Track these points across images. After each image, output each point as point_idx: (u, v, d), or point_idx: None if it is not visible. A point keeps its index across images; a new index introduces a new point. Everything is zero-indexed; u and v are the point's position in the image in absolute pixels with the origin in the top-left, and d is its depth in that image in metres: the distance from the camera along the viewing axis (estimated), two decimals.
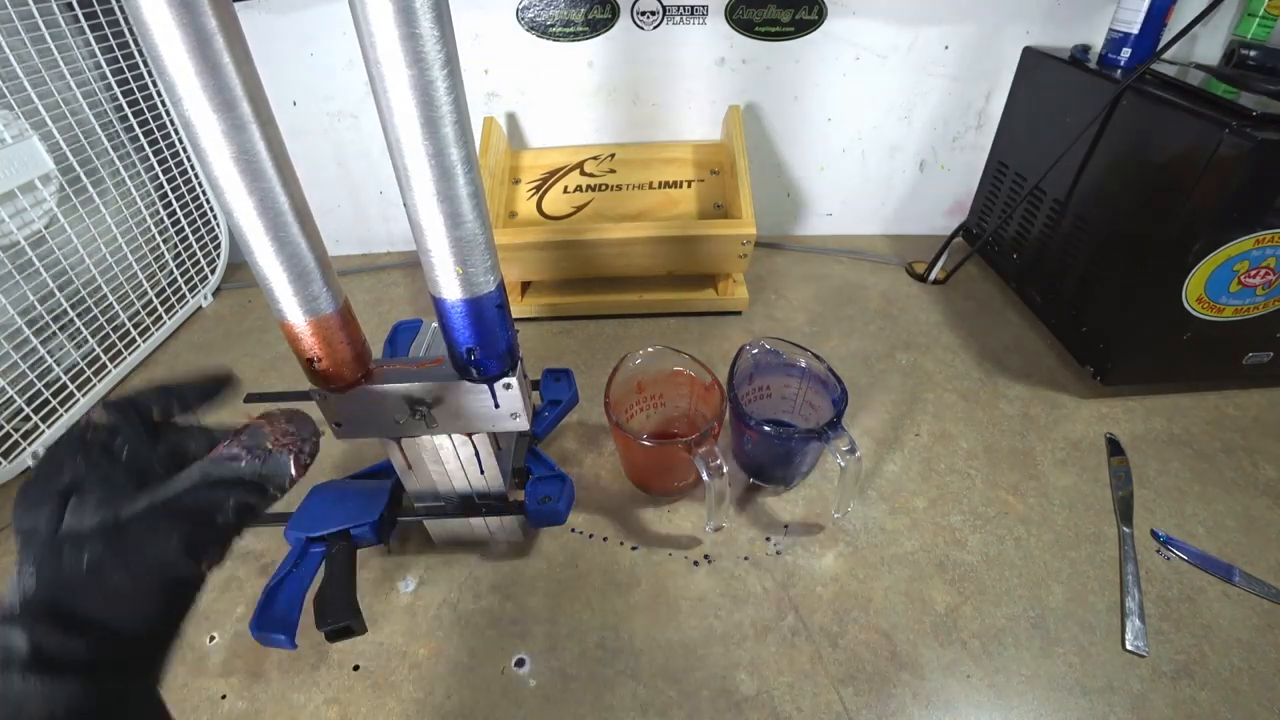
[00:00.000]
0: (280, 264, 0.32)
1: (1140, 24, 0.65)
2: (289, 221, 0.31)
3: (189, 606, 0.26)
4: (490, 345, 0.37)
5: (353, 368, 0.37)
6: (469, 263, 0.33)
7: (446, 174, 0.30)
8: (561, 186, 0.84)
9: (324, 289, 0.34)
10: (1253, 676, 0.44)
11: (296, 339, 0.35)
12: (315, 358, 0.36)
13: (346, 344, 0.36)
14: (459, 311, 0.35)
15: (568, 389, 0.60)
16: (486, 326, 0.36)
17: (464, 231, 0.32)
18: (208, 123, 0.27)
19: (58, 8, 0.69)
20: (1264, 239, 0.54)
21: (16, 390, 0.63)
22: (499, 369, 0.38)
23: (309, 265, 0.33)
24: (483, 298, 0.35)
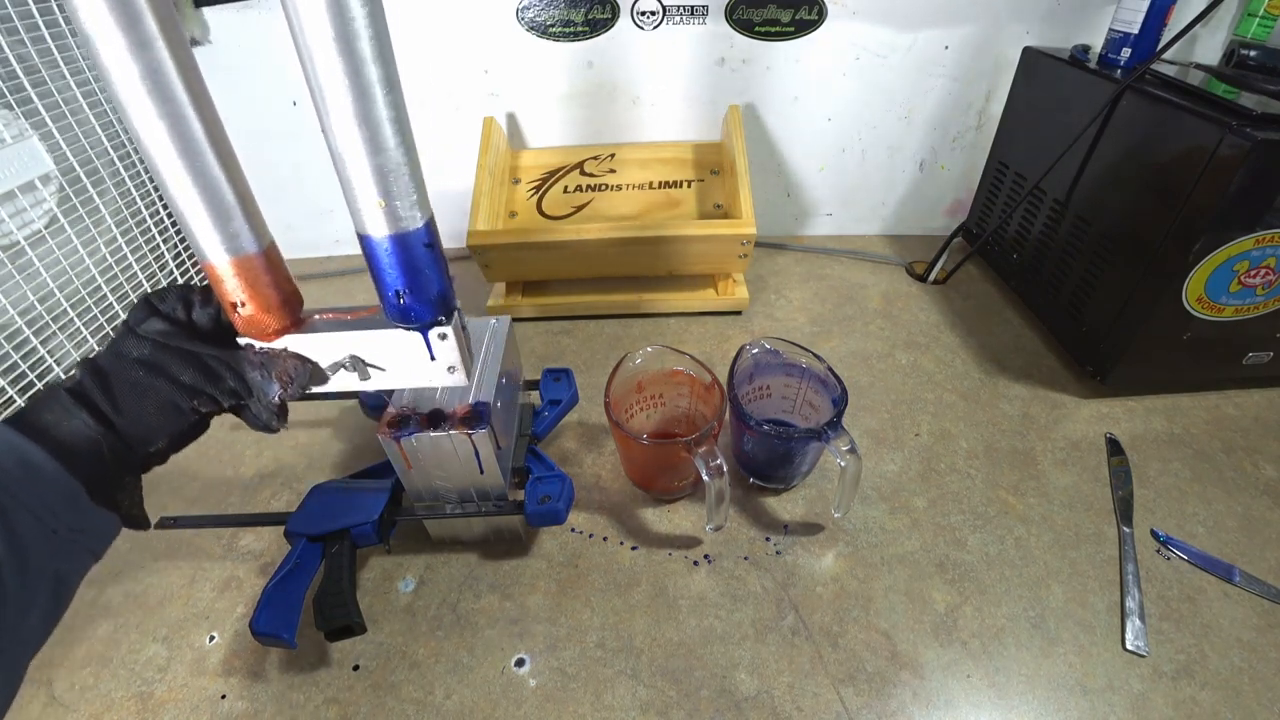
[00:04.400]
0: (198, 196, 0.30)
1: (1140, 24, 0.65)
2: (203, 149, 0.30)
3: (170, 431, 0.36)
4: (420, 288, 0.35)
5: (280, 315, 0.36)
6: (392, 195, 0.31)
7: (363, 94, 0.28)
8: (561, 186, 0.84)
9: (245, 226, 0.32)
10: (1253, 676, 0.44)
11: (219, 281, 0.34)
12: (239, 302, 0.34)
13: (272, 287, 0.35)
14: (385, 250, 0.33)
15: (568, 389, 0.60)
16: (415, 267, 0.34)
17: (385, 160, 0.30)
18: (110, 39, 0.25)
19: (57, 8, 0.69)
20: (1264, 239, 0.54)
21: (16, 390, 0.63)
22: (432, 315, 0.37)
23: (228, 199, 0.31)
24: (409, 234, 0.33)
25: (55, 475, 0.30)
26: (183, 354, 0.35)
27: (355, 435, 0.66)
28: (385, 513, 0.48)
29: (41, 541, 0.30)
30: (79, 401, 0.32)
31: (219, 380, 0.36)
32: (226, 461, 0.64)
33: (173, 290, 0.36)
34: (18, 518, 0.29)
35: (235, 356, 0.36)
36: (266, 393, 0.37)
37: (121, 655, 0.48)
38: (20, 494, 0.29)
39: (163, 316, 0.35)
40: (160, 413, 0.35)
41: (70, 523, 0.31)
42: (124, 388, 0.34)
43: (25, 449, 0.30)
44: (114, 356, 0.34)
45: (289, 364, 0.37)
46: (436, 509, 0.51)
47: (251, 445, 0.65)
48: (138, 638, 0.49)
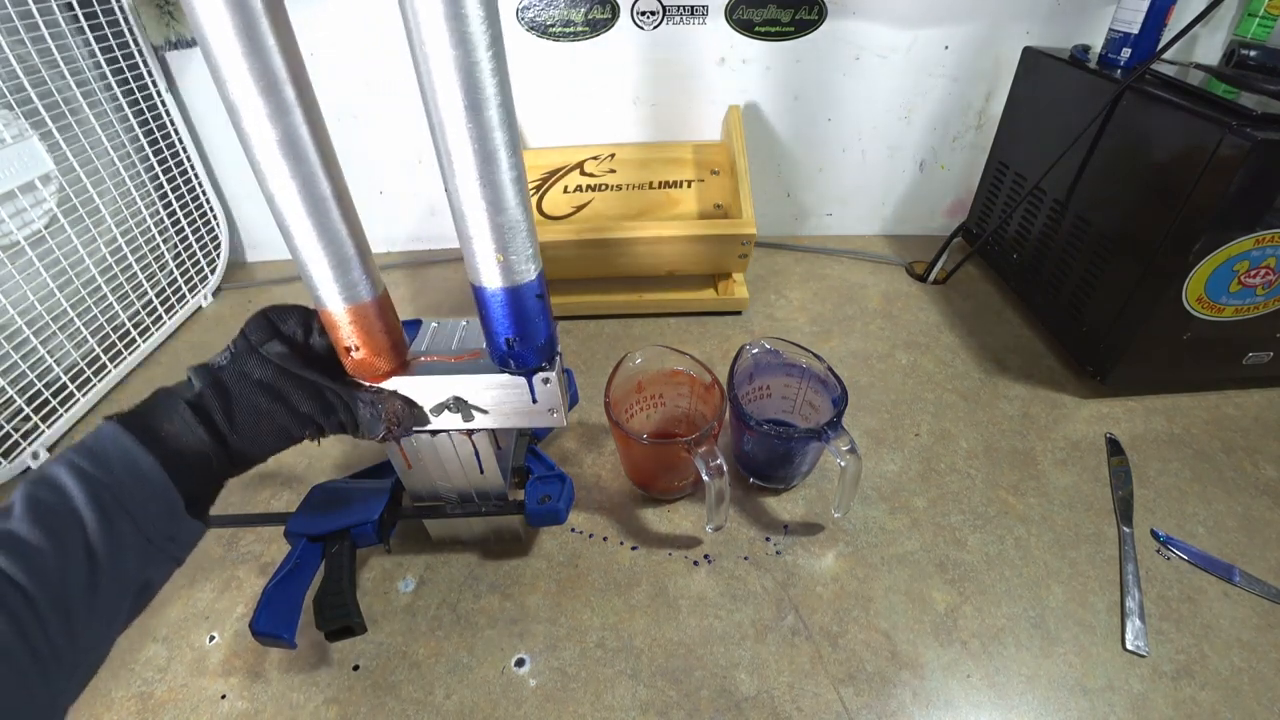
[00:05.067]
0: (321, 250, 0.32)
1: (1140, 24, 0.65)
2: (330, 207, 0.31)
3: (275, 452, 0.36)
4: (529, 336, 0.37)
5: (389, 358, 0.38)
6: (510, 250, 0.33)
7: (489, 159, 0.30)
8: (561, 186, 0.84)
9: (363, 277, 0.34)
10: (1253, 676, 0.44)
11: (335, 327, 0.35)
12: (353, 346, 0.36)
13: (384, 333, 0.36)
14: (498, 300, 0.35)
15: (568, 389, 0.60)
16: (526, 316, 0.36)
17: (506, 218, 0.32)
18: (252, 106, 0.27)
19: (58, 8, 0.69)
20: (1264, 239, 0.54)
21: (16, 390, 0.63)
22: (537, 361, 0.38)
23: (349, 252, 0.33)
24: (522, 286, 0.35)
25: (163, 487, 0.31)
26: (303, 383, 0.35)
27: None
28: (385, 513, 0.48)
29: (138, 549, 0.30)
30: (199, 417, 0.33)
31: (332, 413, 0.37)
32: None
33: (293, 312, 0.37)
34: (121, 525, 0.29)
35: (349, 392, 0.37)
36: (373, 431, 0.38)
37: (121, 655, 0.48)
38: (127, 502, 0.29)
39: (284, 338, 0.36)
40: (273, 436, 0.35)
41: (166, 532, 0.31)
42: (244, 409, 0.34)
43: (138, 457, 0.30)
44: (237, 375, 0.34)
45: (397, 405, 0.38)
46: (436, 509, 0.51)
47: None
48: (138, 638, 0.49)
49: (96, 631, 0.29)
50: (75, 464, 0.29)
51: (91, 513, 0.28)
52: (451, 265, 0.96)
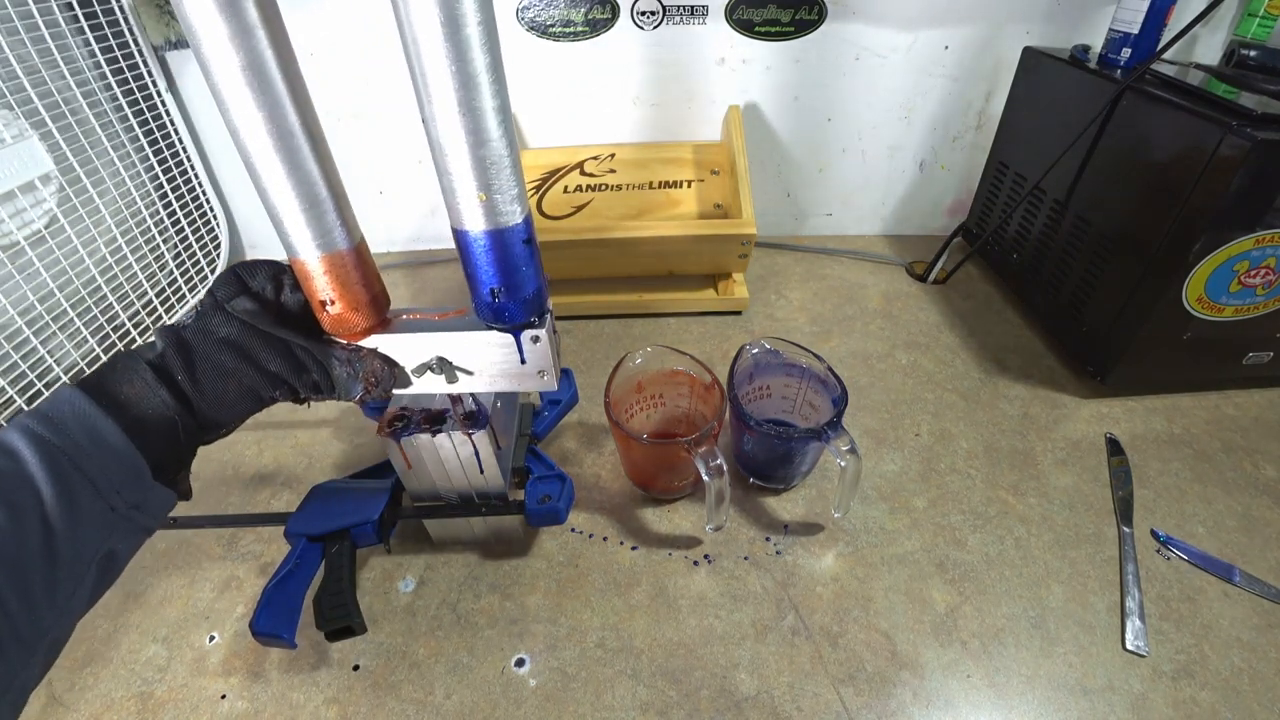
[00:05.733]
0: (291, 189, 0.29)
1: (1140, 24, 0.65)
2: (300, 143, 0.29)
3: (244, 415, 0.35)
4: (516, 286, 0.34)
5: (368, 313, 0.35)
6: (493, 188, 0.30)
7: (469, 82, 0.27)
8: (561, 186, 0.84)
9: (338, 222, 0.31)
10: (1253, 676, 0.44)
11: (308, 279, 0.33)
12: (329, 300, 0.33)
13: (362, 285, 0.34)
14: (482, 245, 0.32)
15: (568, 389, 0.60)
16: (512, 264, 0.33)
17: (488, 151, 0.29)
18: (212, 26, 0.25)
19: (58, 8, 0.69)
20: (1264, 239, 0.54)
21: (16, 390, 0.63)
22: (525, 315, 0.35)
23: (321, 193, 0.30)
24: (508, 230, 0.32)
25: (125, 452, 0.29)
26: (272, 340, 0.33)
27: (355, 435, 0.66)
28: (385, 513, 0.48)
29: (99, 517, 0.29)
30: (161, 378, 0.31)
31: (304, 373, 0.35)
32: (226, 461, 0.64)
33: (263, 266, 0.34)
34: (80, 492, 0.28)
35: (323, 350, 0.35)
36: (350, 392, 0.36)
37: (121, 655, 0.48)
38: (86, 467, 0.28)
39: (252, 295, 0.33)
40: (241, 398, 0.34)
41: (130, 499, 0.30)
42: (208, 368, 0.32)
43: (98, 422, 0.29)
44: (201, 333, 0.33)
45: (376, 365, 0.36)
46: (436, 509, 0.51)
47: (252, 445, 0.65)
48: (138, 638, 0.49)
49: (58, 606, 0.28)
50: (30, 429, 0.28)
51: (47, 478, 0.27)
52: (452, 265, 0.96)
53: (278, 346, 0.34)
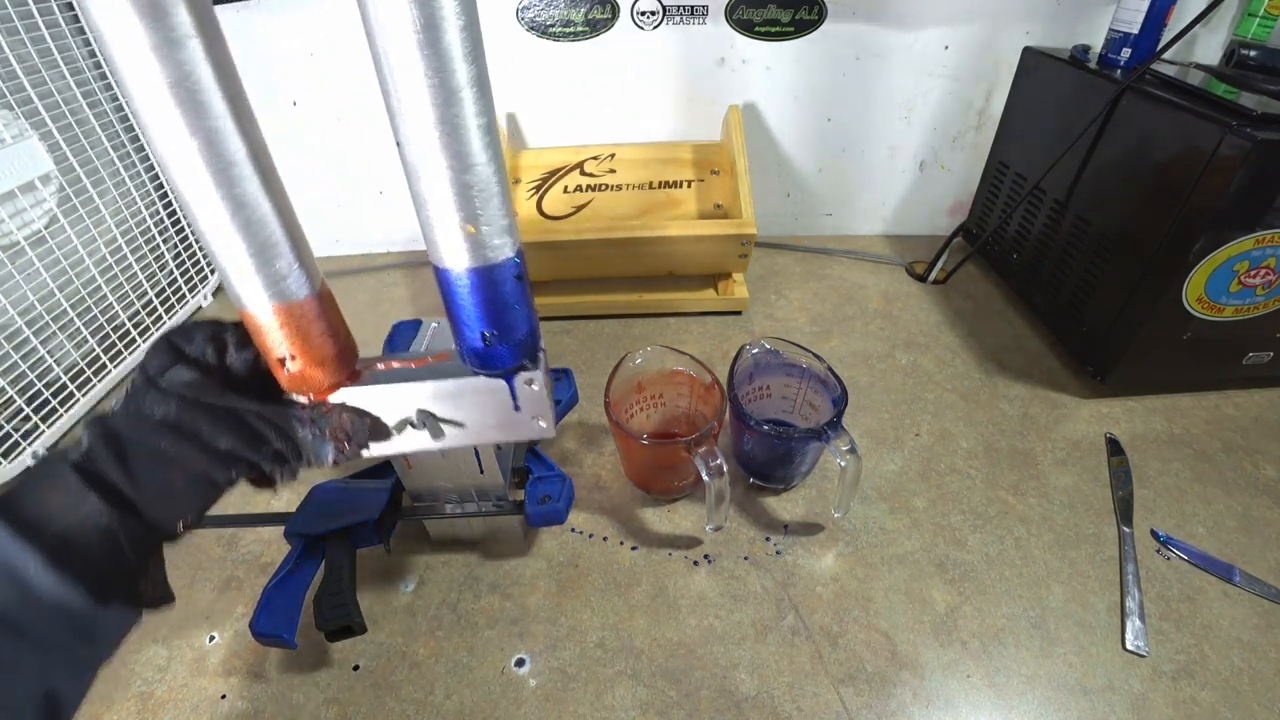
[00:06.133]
0: (236, 231, 0.24)
1: (1140, 24, 0.65)
2: (245, 175, 0.23)
3: (200, 507, 0.29)
4: (508, 329, 0.29)
5: (334, 367, 0.30)
6: (481, 219, 0.25)
7: (451, 99, 0.23)
8: (561, 186, 0.84)
9: (294, 265, 0.26)
10: (1253, 676, 0.44)
11: (261, 333, 0.27)
12: (287, 356, 0.28)
13: (327, 336, 0.28)
14: (467, 286, 0.27)
15: (568, 389, 0.60)
16: (504, 303, 0.28)
17: (475, 176, 0.24)
18: (130, 35, 0.20)
19: (58, 8, 0.69)
20: (1264, 239, 0.54)
21: (16, 390, 0.63)
22: (518, 359, 0.30)
23: (274, 234, 0.25)
24: (498, 266, 0.27)
25: (48, 586, 0.24)
26: (218, 412, 0.28)
27: None
28: (385, 513, 0.48)
29: (29, 664, 0.24)
30: (88, 481, 0.26)
31: (263, 444, 0.29)
32: None
33: (200, 328, 0.29)
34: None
35: (281, 412, 0.29)
36: (320, 455, 0.31)
37: (121, 655, 0.48)
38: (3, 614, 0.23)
39: (190, 362, 0.28)
40: (190, 488, 0.28)
41: (67, 638, 0.26)
42: (145, 458, 0.27)
43: (13, 556, 0.24)
44: (132, 418, 0.27)
45: (345, 419, 0.31)
46: (436, 509, 0.51)
47: None
48: (138, 638, 0.49)
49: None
50: None
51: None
52: None
53: (227, 420, 0.28)
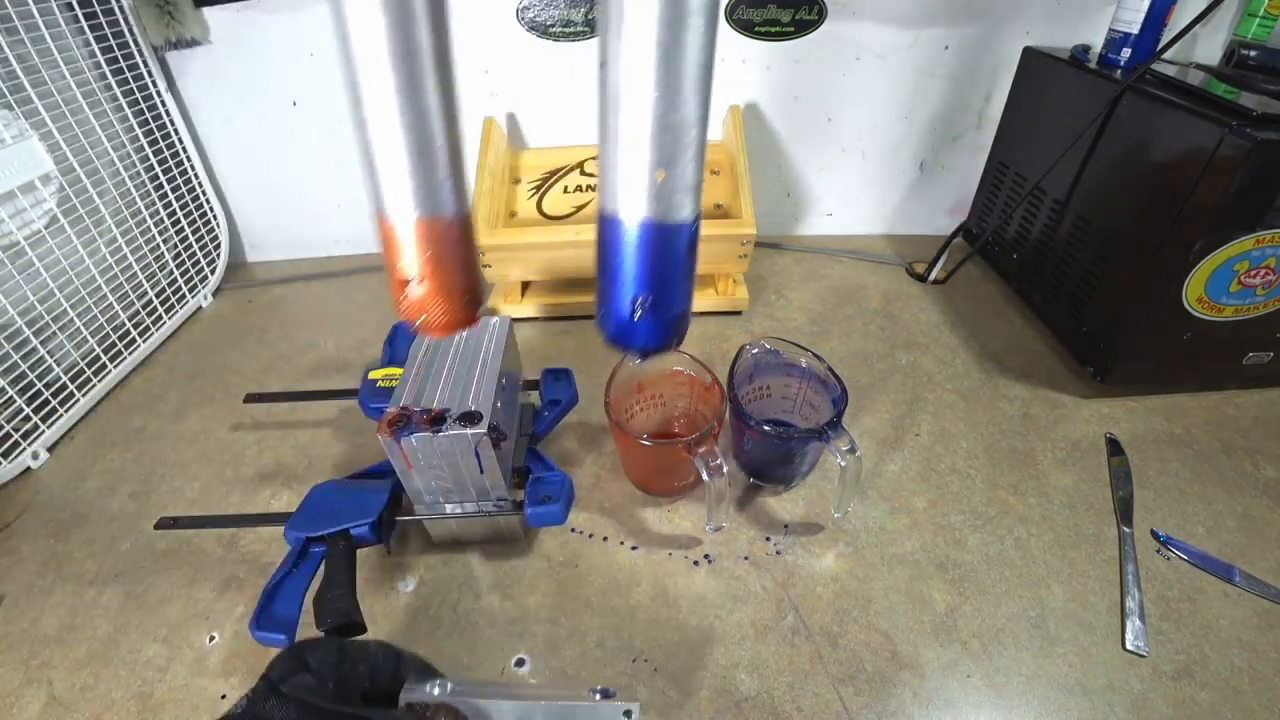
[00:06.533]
0: (400, 125, 0.22)
1: (1140, 24, 0.65)
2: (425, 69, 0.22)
3: None
4: (665, 300, 0.26)
5: (460, 302, 0.26)
6: (675, 165, 0.23)
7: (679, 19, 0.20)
8: (561, 186, 0.84)
9: (449, 181, 0.24)
10: (1253, 676, 0.44)
11: (395, 248, 0.24)
12: (416, 277, 0.25)
13: (460, 265, 0.25)
14: (636, 239, 0.24)
15: (568, 389, 0.60)
16: (668, 269, 0.25)
17: (679, 117, 0.22)
18: None
19: (58, 8, 0.69)
20: (1264, 239, 0.54)
21: (16, 390, 0.63)
22: (662, 340, 0.27)
23: (437, 140, 0.23)
24: (674, 227, 0.24)
25: None
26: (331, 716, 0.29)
27: (355, 435, 0.66)
28: (385, 513, 0.48)
29: None
30: None
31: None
32: (226, 461, 0.64)
33: (325, 643, 0.31)
34: None
35: (388, 714, 0.31)
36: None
37: (121, 655, 0.48)
38: None
39: (312, 671, 0.30)
40: None
41: None
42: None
43: None
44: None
45: None
46: (436, 509, 0.51)
47: (252, 445, 0.65)
48: (138, 638, 0.49)
49: None
50: None
51: None
52: None
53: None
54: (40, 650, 0.48)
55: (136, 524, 0.58)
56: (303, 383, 0.74)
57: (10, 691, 0.46)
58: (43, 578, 0.54)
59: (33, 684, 0.46)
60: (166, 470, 0.63)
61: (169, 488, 0.61)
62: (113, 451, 0.66)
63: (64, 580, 0.53)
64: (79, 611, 0.51)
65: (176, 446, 0.66)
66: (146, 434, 0.68)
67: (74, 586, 0.53)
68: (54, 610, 0.51)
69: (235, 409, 0.69)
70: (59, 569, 0.54)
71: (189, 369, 0.77)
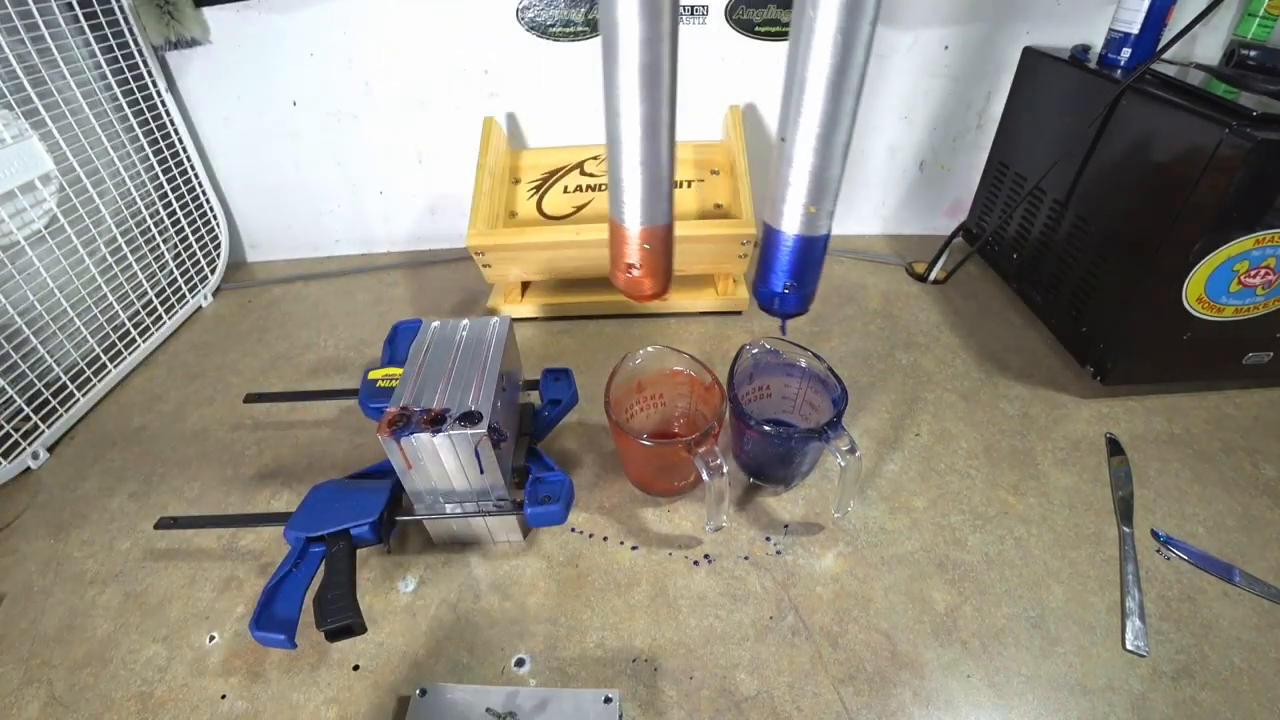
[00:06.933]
0: (642, 169, 0.34)
1: (1140, 24, 0.65)
2: (664, 134, 0.33)
3: None
4: (803, 283, 0.41)
5: (658, 283, 0.41)
6: (821, 203, 0.35)
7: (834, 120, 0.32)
8: (561, 186, 0.84)
9: (666, 202, 0.36)
10: (1253, 676, 0.44)
11: (623, 243, 0.38)
12: (634, 264, 0.39)
13: (662, 258, 0.39)
14: (789, 246, 0.38)
15: (568, 389, 0.60)
16: (809, 265, 0.40)
17: (829, 175, 0.34)
18: (630, 27, 0.29)
19: (58, 8, 0.69)
20: (1264, 239, 0.54)
21: (16, 390, 0.63)
22: (800, 308, 0.42)
23: (663, 175, 0.35)
24: (816, 239, 0.37)
25: None
26: None
27: (355, 435, 0.66)
28: (385, 513, 0.48)
29: None
30: None
31: None
32: (226, 461, 0.64)
33: None
34: None
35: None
36: None
37: (121, 655, 0.48)
38: None
39: None
40: None
41: None
42: None
43: None
44: None
45: None
46: (436, 509, 0.51)
47: (252, 445, 0.65)
48: (138, 638, 0.49)
49: None
50: None
51: None
52: (452, 265, 0.96)
53: None
54: (40, 650, 0.48)
55: (136, 524, 0.58)
56: (303, 383, 0.74)
57: (10, 691, 0.46)
58: (43, 578, 0.54)
59: (33, 684, 0.46)
60: (166, 470, 0.63)
61: (169, 488, 0.61)
62: (113, 451, 0.66)
63: (64, 580, 0.53)
64: (79, 611, 0.51)
65: (176, 446, 0.66)
66: (146, 434, 0.68)
67: (74, 586, 0.53)
68: (54, 610, 0.51)
69: (235, 409, 0.69)
70: (59, 569, 0.54)
71: (189, 369, 0.77)
